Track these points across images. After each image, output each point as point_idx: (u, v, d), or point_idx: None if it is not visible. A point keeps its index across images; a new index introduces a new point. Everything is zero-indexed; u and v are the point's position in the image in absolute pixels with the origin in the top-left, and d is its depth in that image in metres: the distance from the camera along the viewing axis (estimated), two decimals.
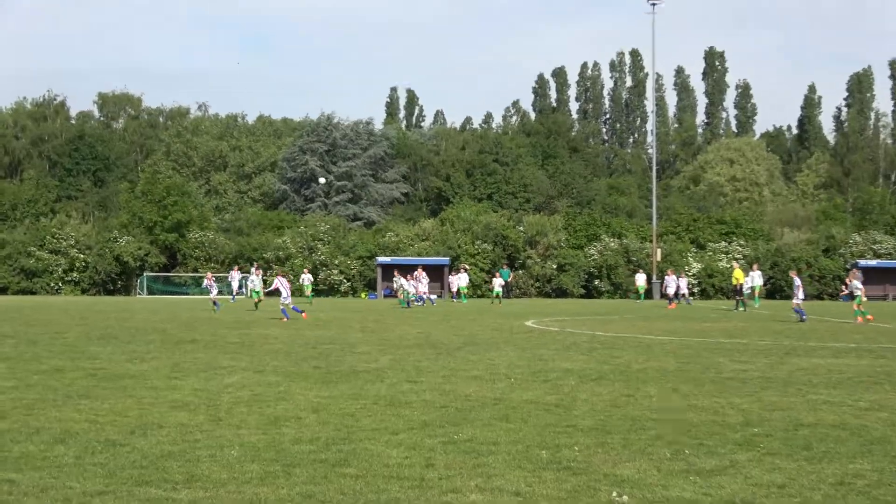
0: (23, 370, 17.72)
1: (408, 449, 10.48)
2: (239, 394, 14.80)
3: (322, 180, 79.84)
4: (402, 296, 54.45)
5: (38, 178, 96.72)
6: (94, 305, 51.18)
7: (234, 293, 61.22)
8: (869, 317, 36.37)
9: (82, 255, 79.14)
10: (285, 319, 35.22)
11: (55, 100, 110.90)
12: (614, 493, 8.58)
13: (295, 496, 8.48)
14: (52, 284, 78.43)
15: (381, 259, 74.93)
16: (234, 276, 62.70)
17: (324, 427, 11.81)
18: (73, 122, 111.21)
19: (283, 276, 39.54)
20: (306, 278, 61.05)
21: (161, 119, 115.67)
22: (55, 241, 79.01)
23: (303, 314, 37.43)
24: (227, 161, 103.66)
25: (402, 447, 10.57)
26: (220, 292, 50.35)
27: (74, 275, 79.02)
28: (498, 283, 60.80)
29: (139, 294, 78.93)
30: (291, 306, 37.27)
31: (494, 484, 8.92)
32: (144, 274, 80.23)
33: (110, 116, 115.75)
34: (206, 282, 49.96)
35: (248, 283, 51.95)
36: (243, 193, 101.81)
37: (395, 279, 56.87)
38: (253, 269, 55.60)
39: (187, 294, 76.95)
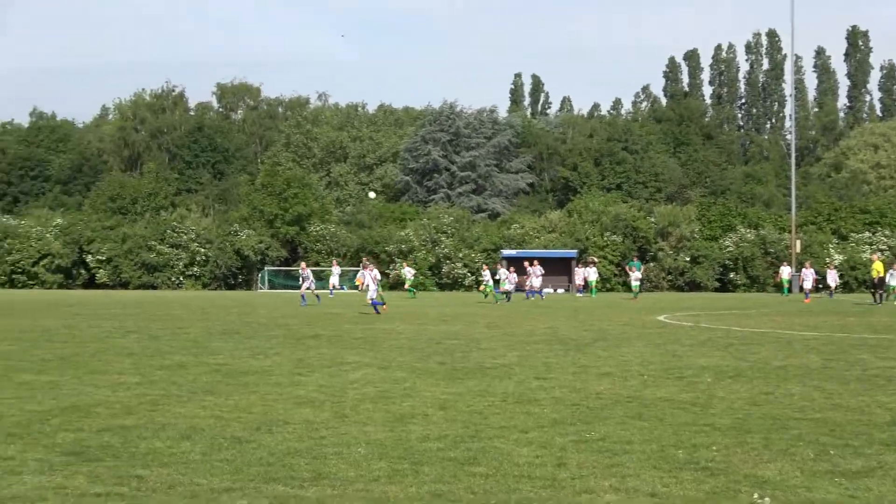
0: (146, 366, 17.85)
1: (538, 448, 10.17)
2: (364, 390, 14.64)
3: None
4: (486, 288, 53.24)
5: (157, 170, 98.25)
6: (215, 300, 51.95)
7: (333, 287, 60.56)
8: None
9: (203, 249, 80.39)
10: (384, 308, 36.01)
11: (174, 91, 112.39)
12: (755, 495, 8.18)
13: (424, 495, 8.25)
14: (173, 279, 79.89)
15: (507, 252, 74.27)
16: (335, 271, 62.20)
17: (451, 424, 11.56)
18: (191, 113, 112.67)
19: (369, 269, 39.21)
20: (408, 272, 60.66)
21: (280, 109, 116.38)
22: (175, 234, 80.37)
23: (383, 306, 36.95)
24: (348, 152, 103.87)
25: (532, 446, 10.26)
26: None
27: (195, 269, 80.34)
28: (635, 276, 58.05)
29: (260, 288, 79.80)
30: (374, 299, 37.11)
31: (629, 484, 8.59)
32: (265, 268, 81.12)
33: (229, 107, 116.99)
34: (301, 272, 49.97)
35: (360, 276, 51.50)
36: (364, 185, 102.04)
37: (489, 272, 54.82)
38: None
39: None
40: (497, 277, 52.95)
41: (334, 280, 60.51)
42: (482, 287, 55.23)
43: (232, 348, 21.52)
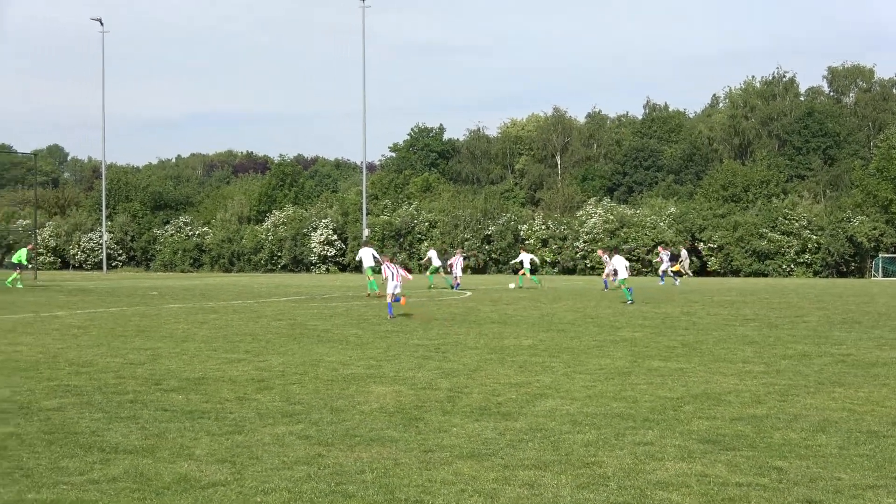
0: (769, 354, 17.87)
1: None
2: None
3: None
4: None
5: (768, 158, 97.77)
6: (828, 288, 50.60)
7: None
8: None
9: (814, 237, 78.75)
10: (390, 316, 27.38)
11: (784, 77, 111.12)
12: None
13: None
14: (784, 266, 78.96)
15: None
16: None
17: None
18: (802, 98, 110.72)
19: (392, 261, 29.88)
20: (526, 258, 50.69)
21: (895, 90, 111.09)
22: (787, 222, 79.43)
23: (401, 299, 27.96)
24: None
25: None
26: None
27: (806, 256, 78.88)
28: None
29: (874, 276, 76.70)
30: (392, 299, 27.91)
31: None
32: (879, 255, 77.95)
33: (840, 91, 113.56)
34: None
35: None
36: None
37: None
38: None
39: None
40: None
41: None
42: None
43: (855, 338, 20.95)
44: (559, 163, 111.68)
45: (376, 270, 37.02)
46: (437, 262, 50.03)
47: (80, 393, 13.48)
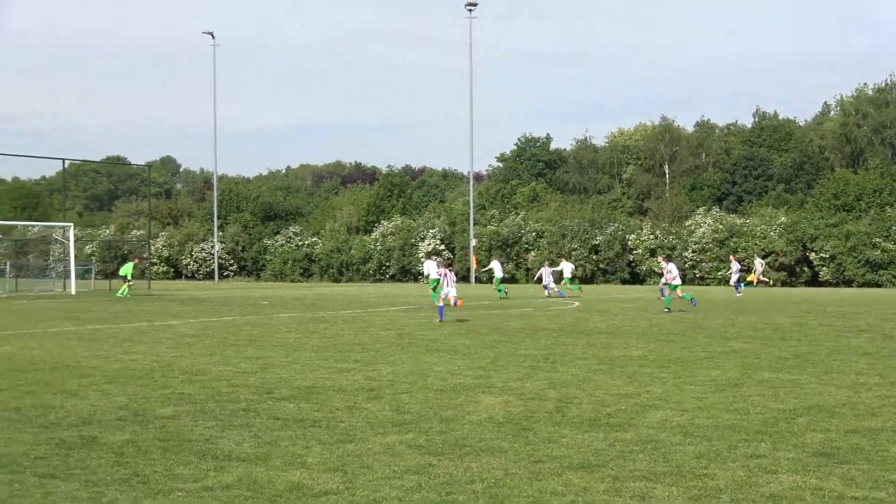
0: (884, 366, 17.50)
1: None
2: None
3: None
4: None
5: (881, 166, 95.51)
6: None
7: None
8: None
9: None
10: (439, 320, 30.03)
11: None
12: None
13: None
14: None
15: None
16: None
17: None
18: None
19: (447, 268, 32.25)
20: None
21: None
22: None
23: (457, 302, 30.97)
24: None
25: None
26: None
27: None
28: None
29: None
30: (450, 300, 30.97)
31: None
32: None
33: None
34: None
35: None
36: None
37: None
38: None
39: None
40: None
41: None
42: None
43: None
44: (667, 172, 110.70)
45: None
46: (499, 273, 51.55)
47: (193, 401, 13.75)
